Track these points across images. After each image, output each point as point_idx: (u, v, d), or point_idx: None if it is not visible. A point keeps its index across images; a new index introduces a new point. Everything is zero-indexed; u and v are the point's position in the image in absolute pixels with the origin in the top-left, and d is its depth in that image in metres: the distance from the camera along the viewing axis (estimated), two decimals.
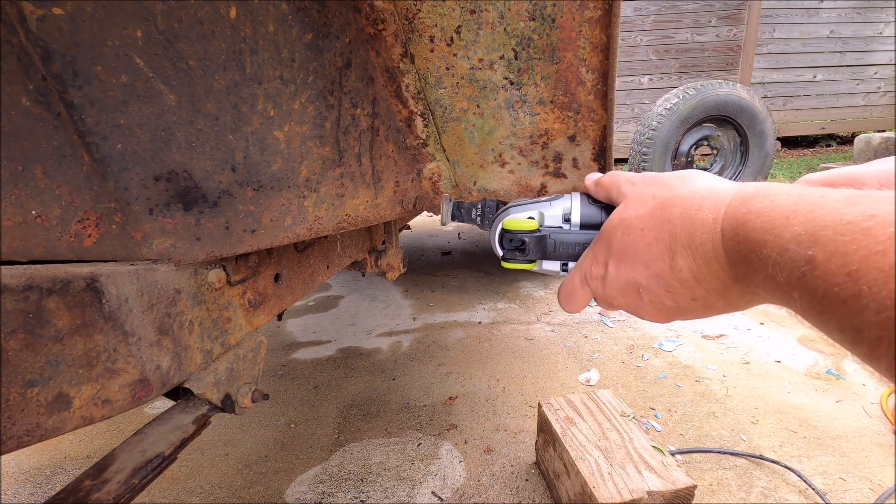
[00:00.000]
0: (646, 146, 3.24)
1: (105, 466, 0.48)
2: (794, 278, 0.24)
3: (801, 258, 0.23)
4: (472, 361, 1.55)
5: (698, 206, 0.32)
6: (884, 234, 0.20)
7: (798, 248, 0.23)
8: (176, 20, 0.41)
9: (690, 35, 4.93)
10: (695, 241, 0.32)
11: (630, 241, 0.37)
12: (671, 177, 0.37)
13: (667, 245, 0.34)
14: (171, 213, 0.46)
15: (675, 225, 0.33)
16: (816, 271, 0.22)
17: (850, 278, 0.21)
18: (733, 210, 0.29)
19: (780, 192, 0.27)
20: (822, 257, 0.22)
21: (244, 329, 0.61)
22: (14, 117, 0.38)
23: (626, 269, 0.37)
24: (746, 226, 0.27)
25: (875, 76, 5.14)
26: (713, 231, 0.31)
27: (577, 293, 0.43)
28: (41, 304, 0.38)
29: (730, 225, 0.29)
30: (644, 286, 0.36)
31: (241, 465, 1.13)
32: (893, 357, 0.20)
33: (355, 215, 0.67)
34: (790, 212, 0.25)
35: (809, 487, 0.97)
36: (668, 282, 0.34)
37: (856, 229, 0.21)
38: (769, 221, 0.26)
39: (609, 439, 0.91)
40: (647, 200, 0.37)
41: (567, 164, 0.75)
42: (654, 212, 0.35)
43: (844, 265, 0.21)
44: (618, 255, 0.38)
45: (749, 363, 1.47)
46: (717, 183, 0.34)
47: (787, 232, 0.24)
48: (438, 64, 0.67)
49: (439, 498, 0.99)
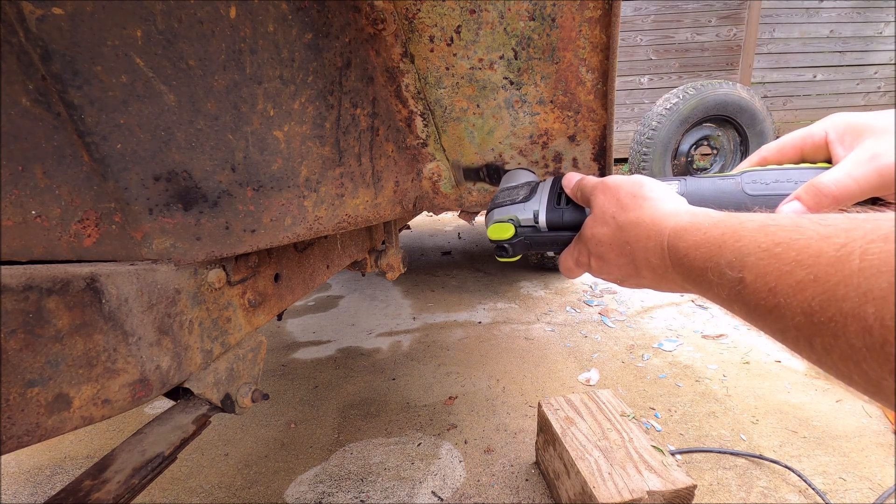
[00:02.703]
0: (646, 146, 3.23)
1: (105, 466, 0.48)
2: (732, 294, 0.30)
3: (735, 280, 0.29)
4: (472, 361, 1.55)
5: (646, 237, 0.40)
6: (788, 258, 0.25)
7: (731, 272, 0.29)
8: (176, 20, 0.41)
9: (690, 35, 4.93)
10: (651, 264, 0.40)
11: (602, 251, 0.47)
12: (626, 195, 0.44)
13: (630, 260, 0.43)
14: (170, 213, 0.46)
15: (633, 248, 0.42)
16: (747, 289, 0.28)
17: (771, 293, 0.26)
18: (674, 244, 0.37)
19: (708, 226, 0.34)
20: (750, 278, 0.28)
21: (244, 329, 0.61)
22: (14, 117, 0.38)
23: (605, 265, 0.47)
24: (688, 257, 0.35)
25: (875, 76, 5.13)
26: (663, 258, 0.38)
27: (573, 270, 0.54)
28: (41, 304, 0.38)
29: (675, 255, 0.37)
30: (621, 277, 0.47)
31: (241, 465, 1.12)
32: (810, 351, 0.24)
33: (355, 215, 0.67)
34: (720, 242, 0.31)
35: (809, 487, 0.97)
36: (638, 280, 0.45)
37: (769, 255, 0.27)
38: (707, 252, 0.33)
39: (609, 439, 0.91)
40: (608, 220, 0.45)
41: (567, 163, 0.75)
42: (615, 233, 0.44)
43: (766, 283, 0.27)
44: (596, 256, 0.48)
45: (749, 363, 1.47)
46: (659, 209, 0.41)
47: (721, 260, 0.31)
48: (438, 64, 0.67)
49: (439, 498, 0.99)
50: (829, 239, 0.24)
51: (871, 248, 0.21)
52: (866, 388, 0.22)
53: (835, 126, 0.43)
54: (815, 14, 4.91)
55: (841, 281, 0.22)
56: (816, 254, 0.24)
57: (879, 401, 0.22)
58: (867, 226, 0.23)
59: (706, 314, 1.83)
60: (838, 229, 0.24)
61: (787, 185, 0.43)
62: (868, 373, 0.21)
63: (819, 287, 0.23)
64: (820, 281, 0.23)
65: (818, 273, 0.23)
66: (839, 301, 0.21)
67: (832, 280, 0.22)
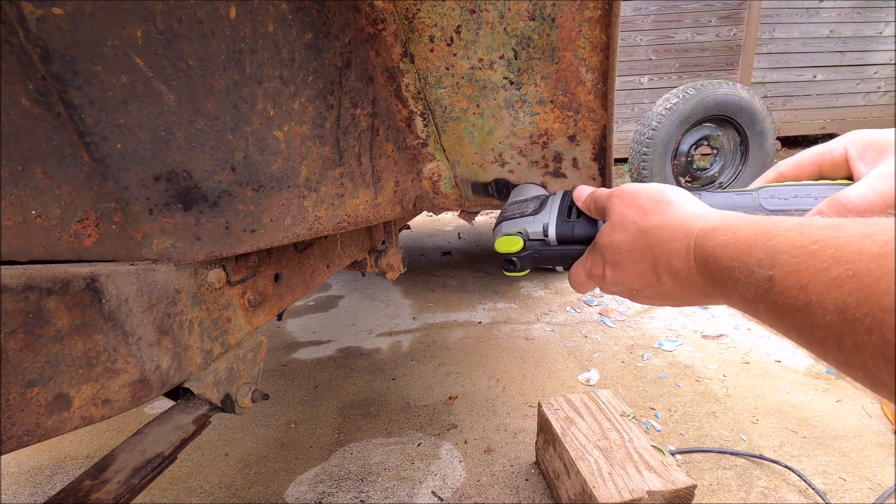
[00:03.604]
0: (646, 146, 3.23)
1: (105, 466, 0.48)
2: (759, 293, 0.29)
3: (764, 278, 0.29)
4: (472, 361, 1.55)
5: (672, 239, 0.39)
6: (825, 255, 0.25)
7: (761, 269, 0.29)
8: (176, 20, 0.41)
9: (690, 35, 4.93)
10: (673, 268, 0.39)
11: (620, 258, 0.45)
12: (648, 200, 0.44)
13: (650, 266, 0.41)
14: (170, 212, 0.46)
15: (655, 252, 0.41)
16: (776, 287, 0.28)
17: (802, 291, 0.26)
18: (701, 244, 0.36)
19: (740, 226, 0.33)
20: (780, 276, 0.27)
21: (244, 329, 0.61)
22: (14, 117, 0.38)
23: (620, 275, 0.45)
24: (715, 256, 0.34)
25: (875, 76, 5.13)
26: (688, 260, 0.37)
27: (584, 284, 0.52)
28: (41, 304, 0.38)
29: (700, 256, 0.36)
30: (637, 288, 0.45)
31: (241, 465, 1.12)
32: (838, 351, 0.24)
33: (355, 215, 0.67)
34: (752, 241, 0.31)
35: (809, 487, 0.97)
36: (656, 290, 0.43)
37: (804, 252, 0.26)
38: (735, 251, 0.32)
39: (609, 439, 0.91)
40: (628, 226, 0.44)
41: (567, 163, 0.75)
42: (636, 237, 0.43)
43: (797, 281, 0.26)
44: (612, 265, 0.46)
45: (749, 363, 1.47)
46: (687, 211, 0.40)
47: (751, 258, 0.30)
48: (438, 64, 0.67)
49: (439, 498, 0.99)
50: (872, 237, 0.23)
51: None
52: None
53: (855, 142, 0.42)
54: (815, 14, 4.91)
55: (883, 276, 0.21)
56: (857, 250, 0.23)
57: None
58: None
59: (706, 314, 1.82)
60: (883, 227, 0.23)
61: (808, 200, 0.42)
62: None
63: (857, 282, 0.23)
64: (859, 276, 0.23)
65: (858, 269, 0.23)
66: (879, 296, 0.21)
67: (873, 275, 0.22)
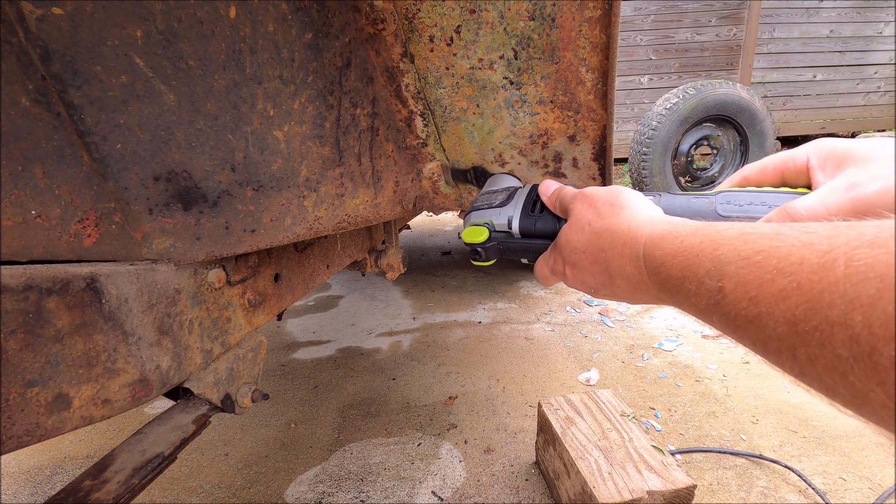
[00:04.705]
0: (646, 146, 3.23)
1: (105, 466, 0.48)
2: (711, 305, 0.29)
3: (714, 289, 0.28)
4: (472, 361, 1.55)
5: (622, 244, 0.40)
6: (769, 266, 0.25)
7: (710, 281, 0.29)
8: (175, 20, 0.41)
9: (690, 35, 4.93)
10: (626, 272, 0.39)
11: (577, 258, 0.46)
12: (603, 203, 0.44)
13: (604, 268, 0.42)
14: (170, 212, 0.46)
15: (608, 255, 0.42)
16: (727, 298, 0.27)
17: (752, 303, 0.25)
18: (650, 252, 0.36)
19: (686, 234, 0.33)
20: (730, 287, 0.27)
21: (244, 329, 0.61)
22: (14, 117, 0.38)
23: (579, 274, 0.47)
24: (665, 265, 0.34)
25: (875, 76, 5.13)
26: (639, 266, 0.38)
27: (549, 279, 0.53)
28: (41, 304, 0.38)
29: (651, 264, 0.36)
30: (595, 287, 0.46)
31: (241, 465, 1.12)
32: (793, 362, 0.24)
33: (355, 215, 0.67)
34: (698, 251, 0.31)
35: (809, 487, 0.96)
36: (612, 290, 0.44)
37: (749, 263, 0.26)
38: (685, 261, 0.32)
39: (609, 439, 0.91)
40: (584, 227, 0.45)
41: (567, 163, 0.75)
42: (591, 240, 0.44)
43: (746, 293, 0.26)
44: (571, 264, 0.47)
45: (749, 363, 1.47)
46: (636, 217, 0.40)
47: (700, 269, 0.30)
48: (438, 64, 0.67)
49: (439, 498, 0.99)
50: (811, 246, 0.23)
51: (857, 255, 0.20)
52: (852, 400, 0.21)
53: (817, 151, 0.42)
54: (815, 14, 4.91)
55: (826, 288, 0.21)
56: (799, 261, 0.23)
57: (864, 415, 0.21)
58: (851, 232, 0.22)
59: None
60: (820, 236, 0.23)
61: (761, 208, 0.43)
62: (855, 384, 0.20)
63: (803, 295, 0.22)
64: (804, 289, 0.22)
65: (801, 281, 0.22)
66: (825, 309, 0.21)
67: (816, 288, 0.21)
